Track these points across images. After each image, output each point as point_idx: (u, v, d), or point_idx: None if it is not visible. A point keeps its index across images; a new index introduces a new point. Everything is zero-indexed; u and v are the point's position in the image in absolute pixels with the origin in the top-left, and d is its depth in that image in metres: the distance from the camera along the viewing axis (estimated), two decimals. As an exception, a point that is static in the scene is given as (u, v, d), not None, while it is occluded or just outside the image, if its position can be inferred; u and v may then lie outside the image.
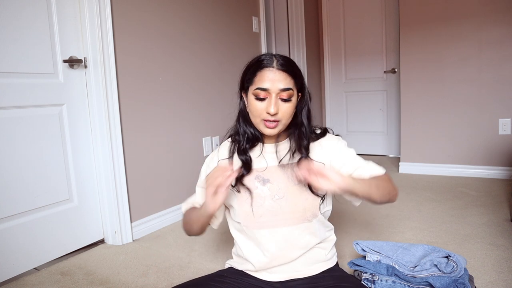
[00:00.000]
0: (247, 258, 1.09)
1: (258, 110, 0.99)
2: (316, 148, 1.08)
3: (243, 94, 1.06)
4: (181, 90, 2.36)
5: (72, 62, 1.83)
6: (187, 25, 2.39)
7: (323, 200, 1.06)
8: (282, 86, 0.97)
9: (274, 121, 0.98)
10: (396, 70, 3.73)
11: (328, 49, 4.15)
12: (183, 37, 2.36)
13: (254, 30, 3.06)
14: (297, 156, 1.05)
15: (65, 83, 1.82)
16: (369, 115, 4.02)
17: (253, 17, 3.05)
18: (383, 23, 3.77)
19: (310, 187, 1.03)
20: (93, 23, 1.84)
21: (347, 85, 4.12)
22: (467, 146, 2.98)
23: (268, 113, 0.97)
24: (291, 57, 3.81)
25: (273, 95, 0.97)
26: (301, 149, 1.04)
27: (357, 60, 3.99)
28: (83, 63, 1.88)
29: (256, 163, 1.06)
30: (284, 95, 0.98)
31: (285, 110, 0.99)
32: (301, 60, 3.79)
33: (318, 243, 1.09)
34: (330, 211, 1.12)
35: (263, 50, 3.15)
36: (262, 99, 0.98)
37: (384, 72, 3.84)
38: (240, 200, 1.05)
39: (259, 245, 1.05)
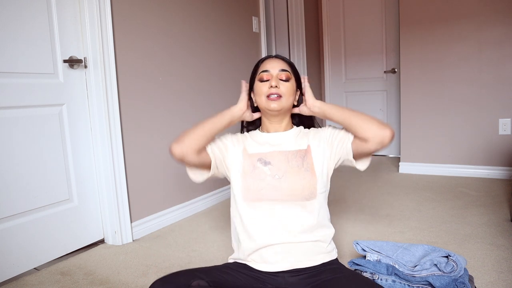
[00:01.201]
0: (249, 233, 1.11)
1: (262, 90, 1.15)
2: (309, 135, 1.22)
3: (251, 95, 1.24)
4: (181, 90, 2.36)
5: (72, 62, 1.83)
6: (187, 25, 2.40)
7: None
8: (281, 67, 1.17)
9: (276, 93, 1.13)
10: (396, 70, 3.73)
11: (328, 49, 4.15)
12: (183, 37, 2.37)
13: (254, 30, 3.06)
14: (298, 145, 1.17)
15: (65, 83, 1.82)
16: (369, 115, 4.01)
17: (253, 17, 3.05)
18: (383, 23, 3.77)
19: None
20: (93, 23, 1.84)
21: (347, 85, 4.12)
22: (467, 146, 2.98)
23: (270, 86, 1.13)
24: (291, 57, 3.82)
25: (274, 76, 1.15)
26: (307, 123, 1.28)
27: (357, 60, 3.99)
28: (83, 63, 1.88)
29: (259, 148, 1.17)
30: (283, 75, 1.16)
31: (286, 87, 1.15)
32: (301, 60, 3.80)
33: (317, 230, 1.11)
34: (328, 192, 1.20)
35: (263, 50, 3.15)
36: (265, 81, 1.15)
37: (384, 72, 3.84)
38: (244, 173, 1.13)
39: (257, 219, 1.10)
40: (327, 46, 4.15)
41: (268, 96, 1.13)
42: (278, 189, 1.10)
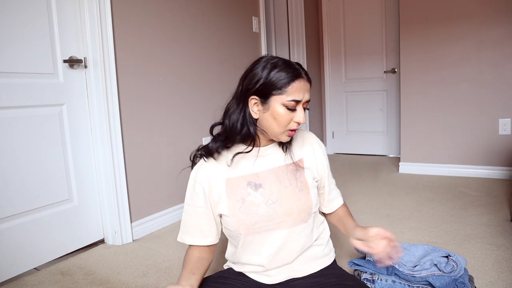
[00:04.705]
0: (243, 263, 1.08)
1: (286, 120, 0.97)
2: (299, 139, 1.13)
3: (250, 100, 0.99)
4: (181, 90, 2.36)
5: (72, 62, 1.83)
6: (187, 25, 2.40)
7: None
8: (308, 97, 0.99)
9: (295, 129, 1.00)
10: (396, 70, 3.73)
11: (328, 49, 4.15)
12: (183, 37, 2.37)
13: (254, 30, 3.06)
14: (287, 158, 1.08)
15: (65, 83, 1.82)
16: (369, 115, 4.02)
17: (253, 17, 3.05)
18: (383, 23, 3.77)
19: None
20: (93, 23, 1.84)
21: (347, 85, 4.12)
22: (467, 146, 2.98)
23: (297, 122, 0.98)
24: (291, 57, 3.82)
25: (301, 105, 0.98)
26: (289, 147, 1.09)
27: (357, 60, 3.99)
28: (83, 63, 1.88)
29: (246, 169, 1.04)
30: (307, 104, 1.00)
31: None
32: (301, 60, 3.79)
33: (314, 241, 1.09)
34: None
35: (263, 50, 3.15)
36: (293, 110, 0.97)
37: (384, 72, 3.84)
38: (232, 209, 1.01)
39: (254, 249, 1.05)
40: (327, 46, 4.15)
41: (289, 130, 0.99)
42: (273, 217, 1.01)
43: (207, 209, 1.05)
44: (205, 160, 1.05)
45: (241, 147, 1.04)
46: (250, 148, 1.03)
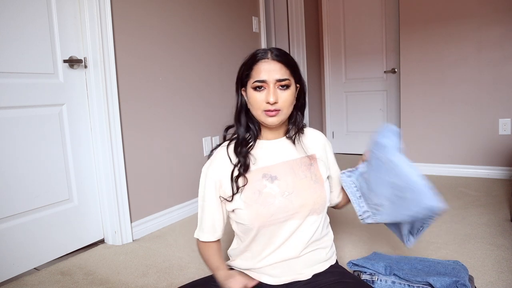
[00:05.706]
0: (250, 253, 1.08)
1: (258, 101, 1.01)
2: (310, 137, 1.15)
3: (242, 92, 1.08)
4: (181, 90, 2.36)
5: (72, 62, 1.83)
6: (187, 25, 2.40)
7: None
8: (278, 76, 1.00)
9: (274, 110, 1.00)
10: (396, 70, 3.73)
11: (328, 49, 4.15)
12: (183, 37, 2.37)
13: (254, 30, 3.06)
14: (301, 151, 1.10)
15: (65, 83, 1.82)
16: (369, 115, 4.02)
17: (253, 17, 3.05)
18: (383, 23, 3.77)
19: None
20: (93, 23, 1.84)
21: (347, 85, 4.12)
22: (467, 146, 2.98)
23: (268, 102, 0.99)
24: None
25: (271, 85, 0.99)
26: (296, 135, 1.11)
27: (357, 60, 3.99)
28: (83, 63, 1.88)
29: (261, 161, 1.07)
30: (282, 83, 1.01)
31: (285, 99, 1.01)
32: (301, 60, 3.79)
33: (318, 240, 1.10)
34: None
35: (263, 50, 3.15)
36: (261, 90, 1.00)
37: (384, 72, 3.84)
38: (249, 202, 1.02)
39: (264, 242, 1.05)
40: (327, 46, 4.14)
41: (265, 110, 1.00)
42: (289, 208, 1.02)
43: (218, 202, 1.08)
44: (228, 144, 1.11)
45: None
46: (251, 142, 1.08)
